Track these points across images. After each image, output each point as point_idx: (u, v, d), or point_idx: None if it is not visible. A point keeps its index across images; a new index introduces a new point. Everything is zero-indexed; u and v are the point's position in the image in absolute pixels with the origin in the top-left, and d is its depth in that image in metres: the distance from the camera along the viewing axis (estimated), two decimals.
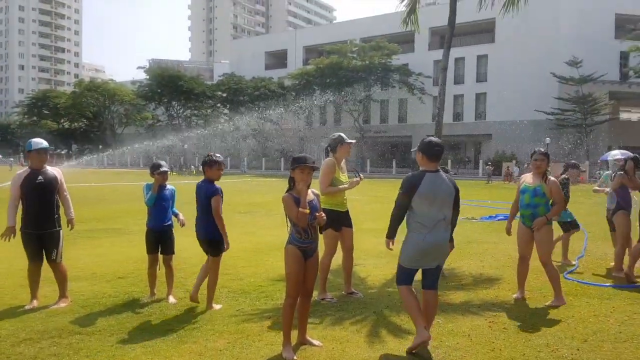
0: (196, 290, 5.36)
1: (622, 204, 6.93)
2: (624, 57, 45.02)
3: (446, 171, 4.63)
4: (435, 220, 4.10)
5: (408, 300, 4.20)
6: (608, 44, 44.28)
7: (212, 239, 5.16)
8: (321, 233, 5.18)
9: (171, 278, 5.60)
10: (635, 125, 50.43)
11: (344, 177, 5.66)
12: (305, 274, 4.11)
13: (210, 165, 5.20)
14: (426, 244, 4.10)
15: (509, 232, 5.97)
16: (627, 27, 42.70)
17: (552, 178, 5.66)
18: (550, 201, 5.60)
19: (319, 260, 4.68)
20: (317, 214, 4.07)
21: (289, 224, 4.12)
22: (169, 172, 5.61)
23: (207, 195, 5.09)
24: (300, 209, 3.93)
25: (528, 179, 5.73)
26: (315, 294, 5.09)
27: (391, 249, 4.36)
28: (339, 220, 5.58)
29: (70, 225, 5.53)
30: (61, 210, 5.44)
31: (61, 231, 5.40)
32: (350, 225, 5.73)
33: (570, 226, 7.83)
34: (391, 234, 4.30)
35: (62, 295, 5.40)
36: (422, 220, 4.12)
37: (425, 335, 4.04)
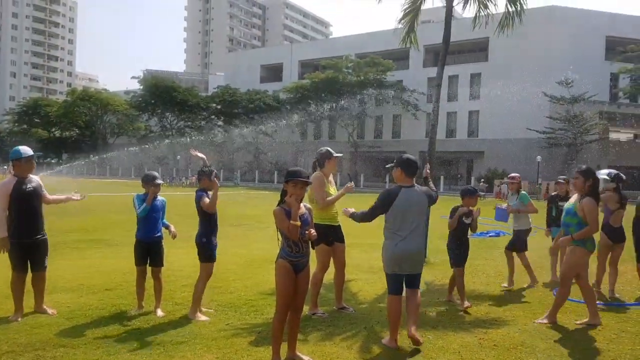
0: None
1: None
2: (614, 78, 45.77)
3: (427, 181, 5.09)
4: (408, 230, 4.55)
5: (391, 309, 4.63)
6: (599, 66, 44.97)
7: (198, 243, 5.30)
8: (313, 248, 5.19)
9: (160, 291, 5.53)
10: (623, 145, 51.03)
11: (333, 190, 5.66)
12: (295, 288, 4.07)
13: (200, 177, 5.45)
14: (399, 250, 4.54)
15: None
16: (617, 50, 43.47)
17: (588, 198, 5.33)
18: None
19: (311, 275, 4.77)
20: (307, 230, 4.05)
21: (280, 238, 4.09)
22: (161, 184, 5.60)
23: (197, 201, 5.29)
24: (291, 222, 3.92)
25: (573, 197, 5.66)
26: (306, 308, 5.05)
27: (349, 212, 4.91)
28: (331, 235, 5.56)
29: (79, 194, 5.70)
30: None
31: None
32: (342, 241, 5.71)
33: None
34: (354, 216, 4.87)
35: (42, 303, 5.35)
36: (396, 230, 4.57)
37: (394, 345, 4.54)
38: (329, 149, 5.72)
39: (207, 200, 5.22)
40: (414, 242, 4.57)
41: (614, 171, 6.94)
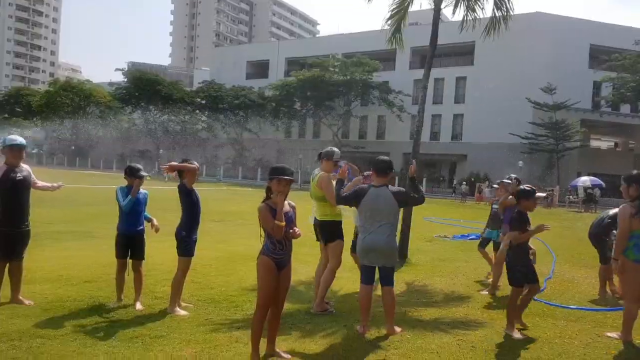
0: None
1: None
2: (597, 86, 46.53)
3: (413, 181, 5.09)
4: (375, 226, 4.87)
5: (361, 297, 4.98)
6: (582, 73, 45.70)
7: (177, 236, 5.28)
8: (328, 243, 5.51)
9: (140, 284, 5.48)
10: (604, 153, 52.03)
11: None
12: (277, 285, 4.07)
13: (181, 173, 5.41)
14: (365, 243, 4.92)
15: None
16: (601, 58, 44.22)
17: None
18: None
19: (325, 272, 5.46)
20: (292, 229, 4.06)
21: (263, 235, 4.08)
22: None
23: (180, 193, 5.29)
24: (276, 222, 3.91)
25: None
26: (299, 306, 5.01)
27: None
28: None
29: (59, 183, 5.68)
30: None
31: None
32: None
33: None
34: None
35: (19, 293, 5.27)
36: (364, 225, 4.96)
37: (362, 331, 4.85)
38: (335, 150, 5.73)
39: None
40: (381, 237, 4.85)
41: (597, 179, 7.08)
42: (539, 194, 5.52)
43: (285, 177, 4.01)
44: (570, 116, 42.40)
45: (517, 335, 5.08)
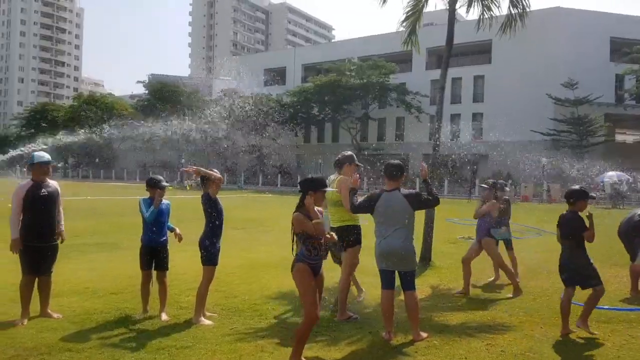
0: None
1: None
2: (619, 79, 45.45)
3: (426, 184, 5.08)
4: (390, 231, 4.88)
5: (383, 303, 4.97)
6: (603, 67, 44.72)
7: (201, 245, 5.31)
8: (345, 250, 5.57)
9: (165, 295, 5.53)
10: (630, 147, 50.68)
11: None
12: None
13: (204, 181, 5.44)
14: (381, 248, 4.92)
15: None
16: (622, 51, 43.24)
17: None
18: None
19: (341, 279, 5.48)
20: (328, 234, 4.12)
21: (296, 243, 4.09)
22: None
23: (203, 203, 5.32)
24: (314, 221, 3.94)
25: None
26: (323, 313, 4.98)
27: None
28: None
29: (61, 238, 5.50)
30: None
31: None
32: None
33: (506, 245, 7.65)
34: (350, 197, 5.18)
35: (47, 307, 5.36)
36: (379, 230, 4.98)
37: (388, 337, 4.79)
38: (352, 154, 5.82)
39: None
40: (397, 241, 4.84)
41: (624, 174, 6.98)
42: (592, 194, 5.62)
43: (324, 189, 4.09)
44: (593, 111, 41.50)
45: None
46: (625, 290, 7.06)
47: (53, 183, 5.42)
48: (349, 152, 5.83)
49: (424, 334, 4.90)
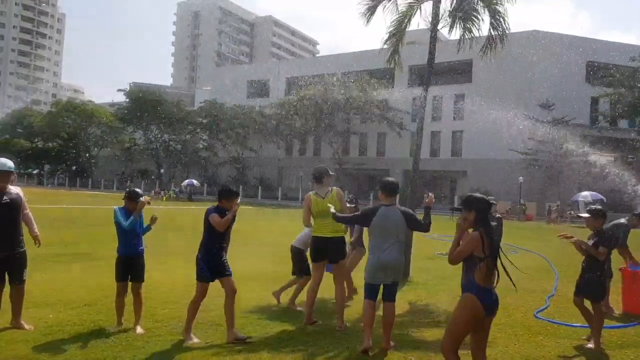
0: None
1: None
2: (595, 102, 46.84)
3: (427, 210, 5.29)
4: (387, 244, 5.03)
5: (366, 312, 5.09)
6: (580, 90, 46.02)
7: (196, 259, 5.23)
8: (340, 261, 5.84)
9: (140, 307, 5.44)
10: (604, 168, 51.93)
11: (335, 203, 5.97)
12: None
13: (221, 197, 5.34)
14: (379, 262, 5.04)
15: None
16: (598, 74, 44.59)
17: None
18: None
19: (342, 288, 5.85)
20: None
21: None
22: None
23: (205, 217, 5.21)
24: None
25: None
26: (297, 327, 4.91)
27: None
28: None
29: (37, 242, 5.39)
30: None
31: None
32: None
33: None
34: (335, 215, 5.44)
35: (20, 317, 5.22)
36: (376, 244, 5.09)
37: (367, 344, 4.85)
38: (326, 167, 6.18)
39: (217, 218, 5.12)
40: (393, 254, 5.05)
41: (598, 194, 7.22)
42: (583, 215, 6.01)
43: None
44: (568, 132, 42.52)
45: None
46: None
47: (15, 190, 5.27)
48: (323, 166, 6.21)
49: (392, 343, 5.12)
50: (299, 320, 5.92)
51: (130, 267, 5.42)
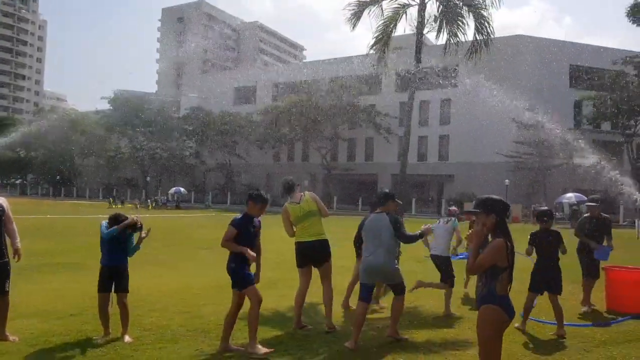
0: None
1: None
2: (578, 105, 47.62)
3: (422, 236, 5.81)
4: (375, 248, 5.41)
5: (357, 313, 5.41)
6: (564, 93, 46.76)
7: (228, 270, 5.26)
8: (325, 263, 5.90)
9: (126, 317, 5.37)
10: (587, 170, 52.68)
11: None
12: None
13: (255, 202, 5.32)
14: (368, 264, 5.43)
15: None
16: (581, 78, 45.37)
17: None
18: None
19: (331, 289, 5.94)
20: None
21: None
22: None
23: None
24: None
25: None
26: (287, 331, 4.89)
27: None
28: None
29: (17, 256, 5.29)
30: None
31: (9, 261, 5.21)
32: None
33: None
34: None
35: (4, 329, 5.13)
36: (366, 247, 5.55)
37: (352, 344, 5.11)
38: (292, 177, 6.33)
39: (231, 233, 5.10)
40: (379, 259, 5.37)
41: (582, 196, 7.70)
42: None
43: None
44: (553, 134, 43.12)
45: None
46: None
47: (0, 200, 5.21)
48: (287, 177, 6.35)
49: (402, 337, 5.53)
50: (289, 325, 5.91)
51: (113, 277, 5.34)
